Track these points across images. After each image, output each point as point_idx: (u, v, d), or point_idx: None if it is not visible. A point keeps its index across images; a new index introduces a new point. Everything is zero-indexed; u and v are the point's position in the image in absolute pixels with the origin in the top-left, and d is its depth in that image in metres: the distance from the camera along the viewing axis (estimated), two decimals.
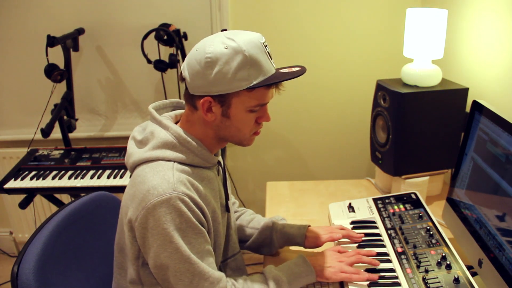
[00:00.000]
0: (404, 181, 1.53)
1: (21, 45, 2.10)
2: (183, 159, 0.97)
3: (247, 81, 0.93)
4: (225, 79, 0.92)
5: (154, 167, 0.95)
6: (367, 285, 1.08)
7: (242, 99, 0.95)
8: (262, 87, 0.94)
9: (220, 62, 0.91)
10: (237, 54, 0.92)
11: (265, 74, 0.95)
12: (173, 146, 0.98)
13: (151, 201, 0.90)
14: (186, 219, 0.92)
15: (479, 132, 1.12)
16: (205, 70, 0.92)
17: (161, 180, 0.92)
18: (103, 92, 2.19)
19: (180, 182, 0.93)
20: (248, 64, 0.92)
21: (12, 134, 2.27)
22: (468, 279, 1.02)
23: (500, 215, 0.99)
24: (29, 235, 1.07)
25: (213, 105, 0.96)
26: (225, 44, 0.92)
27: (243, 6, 2.00)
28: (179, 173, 0.95)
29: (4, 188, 1.76)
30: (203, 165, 1.02)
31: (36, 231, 1.06)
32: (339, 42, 2.06)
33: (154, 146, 0.98)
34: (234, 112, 0.97)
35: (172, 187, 0.91)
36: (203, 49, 0.93)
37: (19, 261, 0.98)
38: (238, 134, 1.02)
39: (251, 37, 0.95)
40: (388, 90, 1.49)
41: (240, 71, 0.92)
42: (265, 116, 1.03)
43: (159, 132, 0.99)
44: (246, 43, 0.93)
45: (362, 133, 2.18)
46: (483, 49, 1.47)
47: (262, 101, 0.98)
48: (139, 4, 2.02)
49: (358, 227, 1.33)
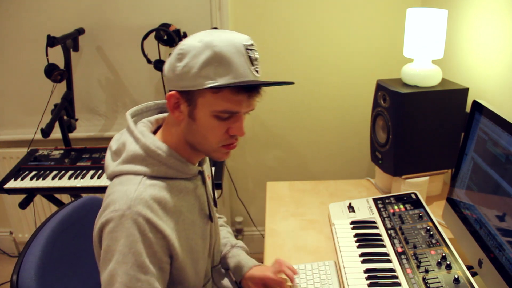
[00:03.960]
0: (404, 181, 1.53)
1: (21, 45, 2.10)
2: (154, 172, 0.91)
3: (211, 80, 0.85)
4: (190, 73, 0.86)
5: (123, 181, 0.90)
6: (367, 285, 1.08)
7: (207, 100, 0.88)
8: (231, 91, 0.86)
9: (189, 55, 0.86)
10: (206, 49, 0.85)
11: (236, 77, 0.86)
12: (143, 160, 0.91)
13: (106, 215, 0.86)
14: (132, 242, 0.84)
15: (479, 132, 1.12)
16: (175, 62, 0.88)
17: (121, 195, 0.87)
18: (103, 92, 2.19)
19: (140, 200, 0.86)
20: (216, 61, 0.85)
21: (12, 134, 2.27)
22: (468, 279, 1.02)
23: (500, 215, 0.99)
24: (29, 235, 1.07)
25: (181, 103, 0.90)
26: (200, 39, 0.87)
27: (243, 6, 2.00)
28: (145, 189, 0.88)
29: (4, 188, 1.76)
30: (179, 177, 0.96)
31: (33, 235, 1.06)
32: (339, 42, 2.06)
33: (124, 160, 0.93)
34: (199, 115, 0.89)
35: (128, 204, 0.85)
36: (183, 42, 0.89)
37: (18, 269, 0.97)
38: (204, 142, 0.93)
39: (234, 36, 0.88)
40: (388, 90, 1.49)
41: (206, 67, 0.85)
42: (236, 128, 0.92)
43: (129, 144, 0.93)
44: (222, 41, 0.86)
45: (362, 133, 2.18)
46: (483, 49, 1.47)
47: (230, 108, 0.88)
48: (139, 4, 2.02)
49: (358, 227, 1.33)
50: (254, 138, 2.25)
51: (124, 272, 0.84)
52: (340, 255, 1.21)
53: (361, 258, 1.19)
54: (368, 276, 1.11)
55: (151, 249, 0.87)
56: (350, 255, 1.20)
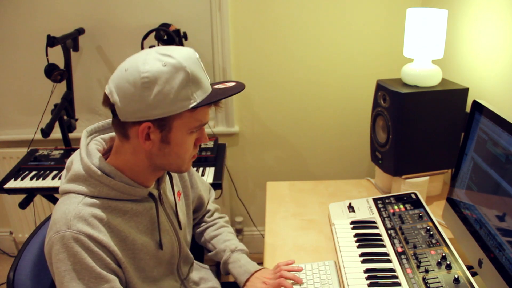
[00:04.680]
0: (404, 181, 1.53)
1: (21, 45, 2.10)
2: (95, 192, 0.90)
3: (190, 100, 0.86)
4: (167, 100, 0.83)
5: (65, 199, 0.90)
6: (367, 285, 1.08)
7: (184, 120, 0.88)
8: (205, 106, 0.88)
9: (160, 82, 0.83)
10: (178, 71, 0.84)
11: (205, 92, 0.89)
12: (85, 180, 0.90)
13: (50, 238, 0.86)
14: (80, 260, 0.84)
15: (479, 132, 1.12)
16: (142, 92, 0.83)
17: (61, 215, 0.86)
18: (103, 92, 2.18)
19: (79, 218, 0.86)
20: (190, 81, 0.85)
21: (12, 134, 2.27)
22: (468, 279, 1.02)
23: (500, 215, 0.99)
24: (29, 235, 1.07)
25: (152, 131, 0.87)
26: (162, 61, 0.84)
27: (243, 6, 2.00)
28: (84, 208, 0.88)
29: (4, 188, 1.76)
30: (124, 198, 0.94)
31: (32, 234, 1.06)
32: (339, 42, 2.06)
33: (69, 178, 0.92)
34: (175, 136, 0.89)
35: (66, 224, 0.85)
36: (136, 68, 0.83)
37: (15, 267, 0.97)
38: (177, 160, 0.93)
39: (187, 52, 0.88)
40: (388, 90, 1.49)
41: (183, 90, 0.84)
42: (204, 137, 0.96)
43: (75, 163, 0.93)
44: (185, 59, 0.85)
45: (362, 133, 2.18)
46: (483, 49, 1.47)
47: (204, 120, 0.92)
48: (139, 4, 2.02)
49: (358, 227, 1.33)
50: (254, 138, 2.25)
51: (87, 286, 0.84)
52: (340, 255, 1.21)
53: (361, 258, 1.19)
54: (368, 276, 1.11)
55: (102, 262, 0.88)
56: (350, 255, 1.20)
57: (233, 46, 2.07)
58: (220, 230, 1.29)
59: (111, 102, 0.87)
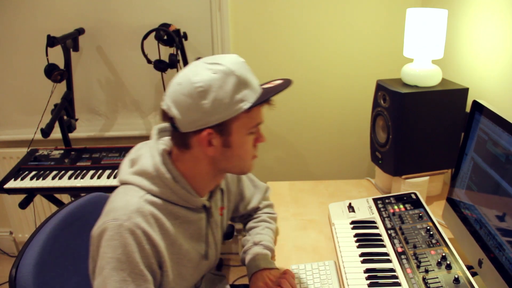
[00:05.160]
0: (404, 181, 1.53)
1: (21, 45, 2.10)
2: (157, 192, 0.94)
3: (244, 102, 0.91)
4: (223, 104, 0.89)
5: (127, 190, 0.94)
6: (367, 285, 1.08)
7: (242, 122, 0.93)
8: (258, 105, 0.92)
9: (214, 88, 0.88)
10: (229, 76, 0.89)
11: (256, 92, 0.94)
12: (152, 178, 0.94)
13: (106, 222, 0.88)
14: (129, 252, 0.87)
15: (479, 132, 1.12)
16: (198, 101, 0.88)
17: (122, 205, 0.90)
18: (103, 92, 2.19)
19: (139, 213, 0.89)
20: (241, 84, 0.90)
21: (12, 134, 2.27)
22: (468, 279, 1.02)
23: (500, 215, 0.99)
24: (29, 235, 1.07)
25: (213, 137, 0.92)
26: (212, 70, 0.89)
27: (243, 6, 2.00)
28: (145, 204, 0.91)
29: (4, 188, 1.76)
30: (181, 204, 0.98)
31: (34, 232, 1.06)
32: (339, 42, 2.06)
33: (136, 171, 0.96)
34: (236, 138, 0.94)
35: (127, 215, 0.88)
36: (188, 80, 0.89)
37: (17, 264, 0.98)
38: (239, 162, 0.99)
39: (233, 57, 0.93)
40: (388, 90, 1.49)
41: (236, 93, 0.89)
42: (261, 137, 1.01)
43: (145, 159, 0.96)
44: (233, 64, 0.90)
45: (362, 133, 2.18)
46: (483, 49, 1.47)
47: (259, 119, 0.96)
48: (139, 4, 2.02)
49: (358, 227, 1.33)
50: None
51: (121, 279, 0.86)
52: (340, 255, 1.21)
53: (361, 258, 1.19)
54: (368, 276, 1.11)
55: (147, 260, 0.90)
56: (350, 255, 1.20)
57: (233, 46, 2.07)
58: (260, 223, 1.31)
59: (170, 116, 0.91)
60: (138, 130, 2.25)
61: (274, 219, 1.36)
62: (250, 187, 1.31)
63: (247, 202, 1.31)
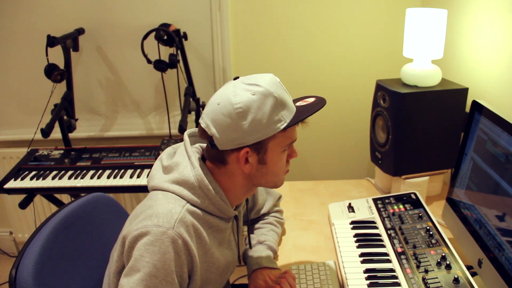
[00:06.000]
0: (404, 181, 1.53)
1: (21, 45, 2.10)
2: (197, 203, 0.96)
3: (281, 122, 0.93)
4: (261, 125, 0.91)
5: (168, 197, 0.95)
6: (367, 285, 1.08)
7: (278, 140, 0.95)
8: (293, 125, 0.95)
9: (253, 110, 0.90)
10: (267, 97, 0.91)
11: (292, 111, 0.96)
12: (193, 188, 0.96)
13: (148, 226, 0.89)
14: (166, 260, 0.88)
15: (479, 132, 1.12)
16: (238, 121, 0.90)
17: (166, 212, 0.91)
18: (103, 92, 2.19)
19: (183, 223, 0.91)
20: (278, 105, 0.92)
21: (12, 134, 2.27)
22: (468, 279, 1.02)
23: (500, 215, 0.99)
24: (29, 235, 1.07)
25: (250, 155, 0.94)
26: (251, 91, 0.91)
27: (243, 6, 2.00)
28: (187, 214, 0.93)
29: (4, 188, 1.76)
30: (216, 214, 1.00)
31: (34, 232, 1.05)
32: (339, 42, 2.06)
33: (175, 180, 0.96)
34: (271, 156, 0.96)
35: (171, 223, 0.89)
36: (228, 101, 0.91)
37: (17, 264, 0.97)
38: (273, 178, 1.01)
39: (270, 78, 0.95)
40: (388, 90, 1.49)
41: (274, 113, 0.92)
42: (294, 152, 1.04)
43: (184, 168, 0.97)
44: (271, 85, 0.93)
45: (362, 133, 2.18)
46: (483, 49, 1.47)
47: (294, 137, 1.00)
48: (139, 4, 2.02)
49: (358, 227, 1.33)
50: None
51: (152, 285, 0.87)
52: (340, 255, 1.21)
53: (361, 258, 1.19)
54: (368, 276, 1.11)
55: (181, 269, 0.91)
56: (350, 255, 1.20)
57: (233, 46, 2.07)
58: (266, 225, 1.32)
59: (209, 134, 0.93)
60: (138, 130, 2.25)
61: (281, 224, 1.37)
62: (263, 193, 1.34)
63: (259, 208, 1.32)
